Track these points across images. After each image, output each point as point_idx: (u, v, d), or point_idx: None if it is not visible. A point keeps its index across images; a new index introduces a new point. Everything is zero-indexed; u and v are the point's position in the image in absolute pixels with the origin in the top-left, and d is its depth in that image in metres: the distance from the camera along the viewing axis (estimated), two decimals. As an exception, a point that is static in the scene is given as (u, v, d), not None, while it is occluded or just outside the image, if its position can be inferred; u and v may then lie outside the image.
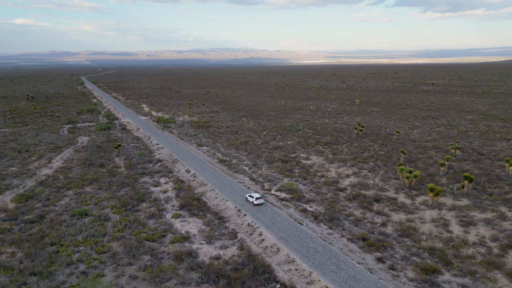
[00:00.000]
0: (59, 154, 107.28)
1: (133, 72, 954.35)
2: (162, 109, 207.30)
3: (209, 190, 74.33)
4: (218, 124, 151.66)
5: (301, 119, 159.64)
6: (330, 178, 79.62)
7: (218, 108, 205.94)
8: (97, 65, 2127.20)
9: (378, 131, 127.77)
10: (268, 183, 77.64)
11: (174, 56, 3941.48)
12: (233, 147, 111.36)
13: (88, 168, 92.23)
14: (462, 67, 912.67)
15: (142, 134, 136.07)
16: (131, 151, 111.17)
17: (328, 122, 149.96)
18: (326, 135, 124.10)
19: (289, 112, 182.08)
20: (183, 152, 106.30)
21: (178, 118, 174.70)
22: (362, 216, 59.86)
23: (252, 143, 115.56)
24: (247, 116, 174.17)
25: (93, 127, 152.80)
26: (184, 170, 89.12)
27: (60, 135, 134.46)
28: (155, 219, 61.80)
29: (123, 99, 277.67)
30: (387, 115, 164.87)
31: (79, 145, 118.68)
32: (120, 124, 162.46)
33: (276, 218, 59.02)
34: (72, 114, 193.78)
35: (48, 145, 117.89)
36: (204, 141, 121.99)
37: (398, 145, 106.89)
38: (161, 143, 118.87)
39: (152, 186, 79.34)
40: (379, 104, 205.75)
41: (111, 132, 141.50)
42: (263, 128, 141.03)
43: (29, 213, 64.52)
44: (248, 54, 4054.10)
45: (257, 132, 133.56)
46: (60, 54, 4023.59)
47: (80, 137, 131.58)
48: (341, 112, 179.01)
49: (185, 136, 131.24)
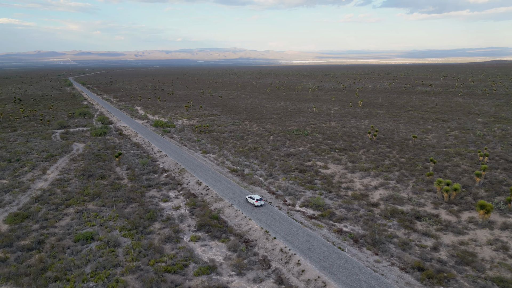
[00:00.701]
0: (54, 163, 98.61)
1: (121, 72, 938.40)
2: (158, 112, 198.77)
3: (226, 206, 66.97)
4: (220, 129, 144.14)
5: (306, 122, 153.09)
6: (357, 191, 72.95)
7: (216, 110, 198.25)
8: (83, 65, 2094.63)
9: (391, 136, 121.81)
10: (290, 197, 70.63)
11: (163, 56, 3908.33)
12: (242, 154, 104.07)
13: (88, 180, 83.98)
14: (451, 67, 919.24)
15: (141, 140, 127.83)
16: (132, 160, 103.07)
17: (335, 126, 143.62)
18: (337, 140, 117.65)
19: (292, 115, 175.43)
20: (189, 160, 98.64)
21: (177, 121, 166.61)
22: (407, 238, 53.23)
23: (262, 150, 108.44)
24: (249, 119, 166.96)
25: (87, 132, 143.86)
26: (194, 181, 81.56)
27: (52, 142, 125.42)
28: (172, 243, 54.27)
29: (115, 101, 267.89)
30: (394, 118, 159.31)
31: (75, 153, 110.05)
32: (116, 128, 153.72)
33: (311, 241, 52.04)
34: (63, 117, 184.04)
35: (40, 153, 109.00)
36: (210, 147, 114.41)
37: (417, 151, 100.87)
38: (163, 150, 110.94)
39: (162, 202, 71.68)
40: (382, 106, 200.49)
41: (107, 138, 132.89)
42: (269, 132, 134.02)
43: (26, 237, 56.39)
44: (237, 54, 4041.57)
45: (263, 137, 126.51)
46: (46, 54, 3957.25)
47: (75, 144, 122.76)
48: (345, 114, 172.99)
49: (188, 142, 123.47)
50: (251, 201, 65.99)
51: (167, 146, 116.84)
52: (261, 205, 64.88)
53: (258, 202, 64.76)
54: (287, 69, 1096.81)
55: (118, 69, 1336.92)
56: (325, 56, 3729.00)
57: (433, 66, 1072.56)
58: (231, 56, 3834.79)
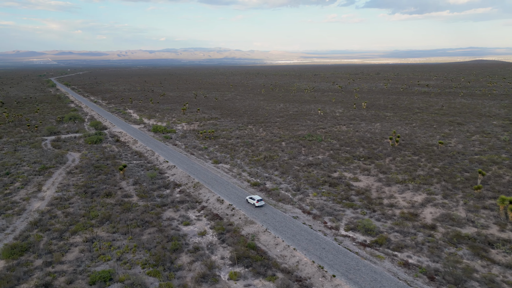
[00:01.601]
0: (49, 177, 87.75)
1: (105, 72, 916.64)
2: (153, 115, 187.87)
3: (261, 231, 57.94)
4: (225, 134, 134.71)
5: (314, 126, 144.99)
6: (403, 209, 64.83)
7: (215, 113, 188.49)
8: (65, 65, 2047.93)
9: (411, 141, 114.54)
10: (329, 218, 62.08)
11: (146, 56, 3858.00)
12: (258, 164, 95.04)
13: (92, 199, 73.69)
14: (437, 67, 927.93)
15: (142, 148, 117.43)
16: (137, 172, 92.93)
17: (348, 130, 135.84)
18: (356, 147, 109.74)
19: (297, 118, 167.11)
20: (201, 172, 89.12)
21: (176, 126, 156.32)
22: (488, 273, 45.21)
23: (278, 159, 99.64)
24: (252, 123, 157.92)
25: (81, 139, 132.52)
26: (215, 199, 72.21)
27: (44, 151, 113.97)
28: (209, 284, 45.04)
29: (104, 103, 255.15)
30: (405, 121, 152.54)
31: (71, 165, 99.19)
32: (112, 134, 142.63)
33: (380, 280, 43.47)
34: (52, 122, 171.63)
35: (32, 165, 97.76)
36: (220, 156, 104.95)
37: (448, 160, 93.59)
38: (170, 160, 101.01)
39: (183, 225, 62.20)
40: (387, 108, 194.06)
41: (104, 146, 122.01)
42: (279, 138, 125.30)
43: (28, 279, 46.32)
44: (222, 54, 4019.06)
45: (274, 143, 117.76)
46: (25, 54, 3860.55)
47: (70, 153, 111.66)
48: (353, 117, 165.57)
49: (194, 149, 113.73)
50: (251, 202, 67.09)
51: (172, 155, 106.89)
52: (261, 205, 65.93)
53: (258, 202, 65.80)
54: (274, 69, 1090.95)
55: (101, 69, 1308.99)
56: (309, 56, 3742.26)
57: (419, 66, 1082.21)
58: (216, 56, 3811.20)
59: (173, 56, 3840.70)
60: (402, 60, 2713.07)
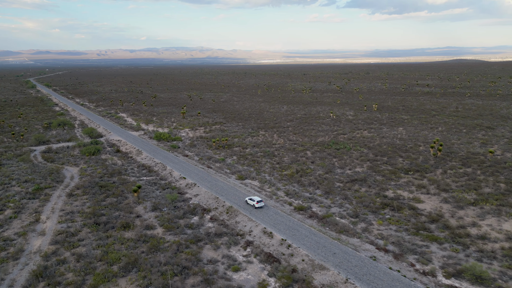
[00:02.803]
0: (47, 202, 72.69)
1: (86, 72, 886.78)
2: (150, 120, 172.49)
3: (340, 282, 44.95)
4: (239, 142, 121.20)
5: (333, 131, 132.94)
6: (500, 242, 52.92)
7: (217, 117, 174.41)
8: (42, 65, 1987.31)
9: (450, 149, 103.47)
10: (415, 258, 49.66)
11: (127, 55, 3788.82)
12: (292, 181, 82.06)
13: (106, 232, 59.30)
14: (422, 66, 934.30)
15: (150, 161, 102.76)
16: (150, 191, 78.70)
17: (372, 136, 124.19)
18: (392, 156, 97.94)
19: (309, 122, 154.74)
20: (228, 191, 75.57)
21: (179, 133, 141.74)
22: None
23: (312, 173, 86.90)
24: (262, 128, 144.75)
25: (75, 150, 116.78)
26: (259, 230, 58.85)
27: (35, 165, 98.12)
28: None
29: (92, 106, 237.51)
30: (427, 124, 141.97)
31: (70, 183, 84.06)
32: (109, 143, 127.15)
33: None
34: (38, 129, 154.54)
35: (23, 184, 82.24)
36: (243, 170, 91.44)
37: (507, 171, 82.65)
38: (187, 175, 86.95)
39: (231, 271, 48.76)
40: (399, 110, 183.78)
41: (104, 158, 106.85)
42: (301, 146, 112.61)
43: None
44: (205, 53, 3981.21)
45: (298, 153, 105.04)
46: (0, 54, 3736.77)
47: (66, 169, 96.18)
48: (369, 121, 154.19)
49: (210, 162, 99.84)
50: (251, 203, 66.94)
51: (187, 168, 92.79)
52: (261, 206, 65.94)
53: (259, 203, 65.84)
54: (260, 68, 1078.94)
55: (81, 68, 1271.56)
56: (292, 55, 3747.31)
57: (404, 65, 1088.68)
58: (198, 55, 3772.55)
59: (154, 55, 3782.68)
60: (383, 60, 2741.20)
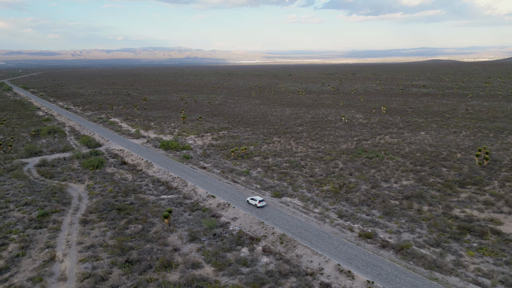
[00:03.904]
0: (58, 232, 60.51)
1: (62, 73, 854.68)
2: (148, 125, 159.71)
3: None
4: (256, 151, 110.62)
5: (353, 137, 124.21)
6: None
7: (220, 121, 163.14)
8: (14, 66, 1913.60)
9: (491, 157, 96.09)
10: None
11: (103, 55, 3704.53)
12: (338, 198, 72.33)
13: (143, 274, 47.93)
14: (403, 67, 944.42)
15: (164, 174, 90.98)
16: (178, 214, 67.40)
17: (398, 142, 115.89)
18: (433, 166, 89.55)
19: (321, 126, 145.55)
20: (273, 214, 65.08)
21: (186, 140, 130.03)
22: None
23: (356, 188, 77.45)
24: (275, 133, 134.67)
25: (74, 163, 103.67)
26: (332, 267, 48.74)
27: (32, 183, 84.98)
28: None
29: (78, 110, 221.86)
30: (448, 128, 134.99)
31: (80, 206, 71.81)
32: (111, 153, 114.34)
33: None
34: (26, 137, 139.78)
35: (23, 208, 69.50)
36: (276, 185, 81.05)
37: None
38: (215, 193, 75.92)
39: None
40: (407, 112, 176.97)
41: (110, 173, 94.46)
42: (328, 155, 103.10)
43: None
44: (183, 53, 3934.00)
45: (327, 163, 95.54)
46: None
47: (70, 186, 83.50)
48: (385, 124, 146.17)
49: (234, 175, 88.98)
50: (252, 203, 67.93)
51: (211, 184, 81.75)
52: (263, 205, 66.99)
53: (260, 203, 66.82)
54: (243, 69, 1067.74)
55: (56, 69, 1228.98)
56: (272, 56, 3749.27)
57: (386, 66, 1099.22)
58: (177, 55, 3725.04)
59: (131, 55, 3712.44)
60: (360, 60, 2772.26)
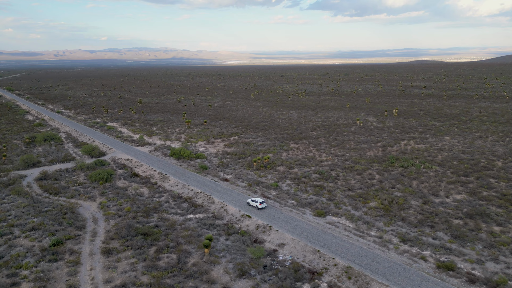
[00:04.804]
0: (78, 266, 50.80)
1: (46, 74, 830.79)
2: (151, 130, 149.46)
3: None
4: (277, 159, 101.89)
5: (373, 142, 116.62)
6: None
7: (227, 126, 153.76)
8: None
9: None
10: None
11: (87, 56, 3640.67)
12: (393, 218, 64.19)
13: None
14: (390, 67, 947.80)
15: (184, 188, 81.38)
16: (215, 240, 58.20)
17: (427, 148, 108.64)
18: (479, 177, 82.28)
19: (337, 131, 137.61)
20: (327, 240, 56.64)
21: (196, 147, 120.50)
22: None
23: (407, 204, 69.46)
24: (290, 139, 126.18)
25: (79, 175, 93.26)
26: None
27: (36, 201, 74.55)
28: None
29: (71, 114, 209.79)
30: (472, 133, 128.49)
31: (98, 230, 62.00)
32: (118, 163, 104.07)
33: None
34: (19, 145, 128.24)
35: (30, 234, 59.44)
36: (313, 201, 72.47)
37: None
38: (248, 211, 66.92)
39: None
40: (419, 115, 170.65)
41: (122, 187, 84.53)
42: (358, 164, 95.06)
43: None
44: (169, 54, 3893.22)
45: (360, 173, 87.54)
46: None
47: (81, 205, 73.34)
48: (402, 129, 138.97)
49: (264, 189, 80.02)
50: (253, 204, 67.51)
51: (241, 200, 72.63)
52: (264, 207, 66.76)
53: (261, 205, 66.60)
54: (231, 69, 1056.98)
55: (38, 70, 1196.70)
56: (258, 56, 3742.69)
57: (375, 66, 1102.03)
58: (163, 56, 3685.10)
59: (116, 56, 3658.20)
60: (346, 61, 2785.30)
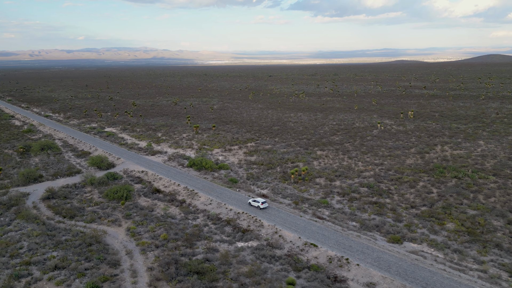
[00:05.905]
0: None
1: (23, 75, 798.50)
2: (157, 137, 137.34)
3: None
4: (313, 170, 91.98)
5: (406, 148, 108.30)
6: None
7: (236, 130, 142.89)
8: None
9: None
10: None
11: (63, 56, 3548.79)
12: (481, 243, 55.21)
13: None
14: (377, 67, 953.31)
15: (221, 208, 70.37)
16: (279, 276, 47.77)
17: (469, 155, 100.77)
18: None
19: (358, 135, 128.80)
20: (415, 276, 47.08)
21: (213, 155, 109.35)
22: None
23: (491, 226, 60.66)
24: (313, 145, 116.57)
25: (92, 192, 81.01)
26: None
27: (49, 228, 62.34)
28: None
29: (61, 118, 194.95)
30: (504, 136, 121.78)
31: (135, 267, 50.67)
32: (131, 176, 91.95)
33: None
34: (12, 155, 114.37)
35: (54, 275, 47.71)
36: (379, 223, 62.86)
37: None
38: (311, 238, 56.75)
39: None
40: (436, 117, 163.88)
41: (146, 206, 72.96)
42: (404, 174, 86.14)
43: None
44: (149, 54, 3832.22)
45: (413, 186, 78.63)
46: None
47: (106, 232, 61.53)
48: (426, 132, 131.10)
49: (313, 207, 69.96)
50: (255, 204, 67.31)
51: (294, 223, 62.42)
52: (266, 207, 66.66)
53: (263, 205, 66.42)
54: (216, 69, 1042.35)
55: (14, 71, 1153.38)
56: (240, 56, 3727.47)
57: (361, 66, 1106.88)
58: (143, 56, 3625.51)
59: (94, 56, 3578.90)
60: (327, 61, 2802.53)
